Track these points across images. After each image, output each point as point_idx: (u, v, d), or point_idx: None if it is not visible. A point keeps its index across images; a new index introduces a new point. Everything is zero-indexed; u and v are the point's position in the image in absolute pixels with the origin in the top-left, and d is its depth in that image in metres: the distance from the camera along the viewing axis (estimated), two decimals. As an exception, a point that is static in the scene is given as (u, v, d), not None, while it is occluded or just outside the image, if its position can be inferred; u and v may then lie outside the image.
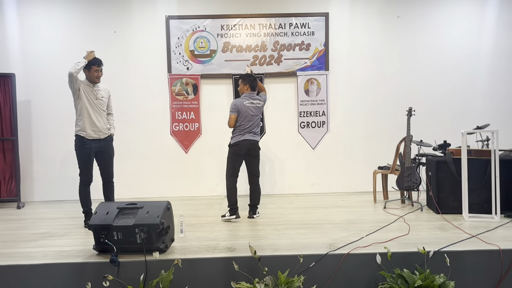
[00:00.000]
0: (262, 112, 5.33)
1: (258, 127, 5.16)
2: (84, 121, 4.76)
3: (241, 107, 5.02)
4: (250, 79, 5.17)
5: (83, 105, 4.76)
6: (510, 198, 4.82)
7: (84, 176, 4.81)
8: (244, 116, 5.01)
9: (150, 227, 3.54)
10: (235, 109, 5.02)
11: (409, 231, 4.16)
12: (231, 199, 4.97)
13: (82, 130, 4.77)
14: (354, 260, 3.46)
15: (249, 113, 5.03)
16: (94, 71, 4.78)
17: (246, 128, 5.02)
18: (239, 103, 5.06)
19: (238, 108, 5.02)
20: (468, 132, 5.05)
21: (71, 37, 6.63)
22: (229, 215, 4.92)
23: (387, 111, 6.76)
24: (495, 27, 6.77)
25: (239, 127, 5.03)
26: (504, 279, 3.41)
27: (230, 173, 5.03)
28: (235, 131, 5.06)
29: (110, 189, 4.98)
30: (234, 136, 5.05)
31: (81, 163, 4.79)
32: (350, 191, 6.79)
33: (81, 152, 4.78)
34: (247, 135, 5.02)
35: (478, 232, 4.03)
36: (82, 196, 4.81)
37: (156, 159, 6.80)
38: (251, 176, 5.11)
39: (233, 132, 5.10)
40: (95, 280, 3.26)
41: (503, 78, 6.80)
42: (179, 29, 6.71)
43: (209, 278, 3.42)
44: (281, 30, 6.78)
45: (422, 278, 3.09)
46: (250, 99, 5.08)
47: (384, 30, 6.79)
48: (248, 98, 5.08)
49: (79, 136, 4.79)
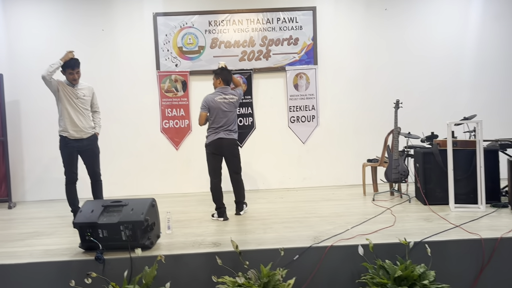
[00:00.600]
0: (251, 105, 5.14)
1: (235, 124, 4.89)
2: (65, 121, 4.77)
3: (211, 103, 4.74)
4: (224, 73, 4.89)
5: (63, 106, 4.76)
6: (496, 188, 4.85)
7: (67, 174, 4.86)
8: (215, 113, 4.74)
9: (134, 224, 3.56)
10: (205, 106, 4.77)
11: (395, 223, 4.18)
12: (217, 202, 4.80)
13: (64, 130, 4.79)
14: (337, 252, 3.49)
15: (221, 109, 4.74)
16: (68, 73, 4.73)
17: (220, 126, 4.76)
18: (209, 99, 4.78)
19: (208, 104, 4.75)
20: (455, 123, 5.09)
21: (59, 36, 6.62)
22: (217, 216, 4.80)
23: (376, 104, 6.77)
24: (481, 18, 6.78)
25: (213, 125, 4.77)
26: (486, 268, 3.44)
27: (211, 174, 4.84)
28: (209, 130, 4.82)
29: (98, 188, 5.00)
30: (209, 135, 4.81)
31: (65, 162, 4.84)
32: (341, 184, 6.82)
33: (64, 151, 4.82)
34: (222, 133, 4.76)
35: (463, 222, 4.06)
36: (68, 194, 4.86)
37: (146, 157, 6.81)
38: (232, 174, 4.92)
39: (207, 131, 4.85)
40: (80, 278, 3.27)
41: (490, 69, 6.81)
42: (167, 26, 6.71)
43: (193, 274, 3.45)
44: (269, 25, 6.78)
45: (403, 268, 3.12)
46: (222, 94, 4.80)
47: (372, 23, 6.80)
48: (220, 93, 4.80)
49: (62, 136, 4.82)
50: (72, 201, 4.85)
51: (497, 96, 6.80)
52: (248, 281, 3.13)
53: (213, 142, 4.77)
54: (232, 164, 4.89)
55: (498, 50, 6.80)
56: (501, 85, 6.82)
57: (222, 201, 4.81)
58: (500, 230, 3.69)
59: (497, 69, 6.82)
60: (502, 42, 6.81)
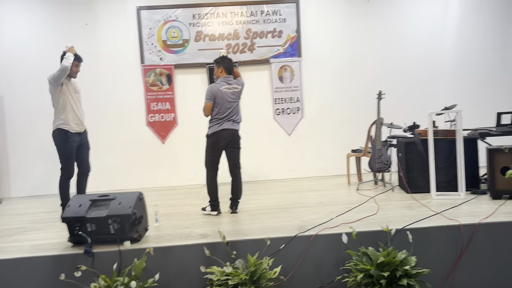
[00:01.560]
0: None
1: (238, 115, 4.70)
2: (68, 114, 4.77)
3: (217, 93, 4.54)
4: (225, 61, 4.67)
5: (66, 99, 4.77)
6: (475, 176, 4.99)
7: (67, 170, 4.83)
8: (221, 103, 4.54)
9: (122, 218, 3.60)
10: (211, 96, 4.55)
11: (378, 211, 4.29)
12: (212, 195, 4.64)
13: (65, 123, 4.76)
14: (322, 241, 3.58)
15: (227, 99, 4.56)
16: (75, 66, 4.81)
17: (224, 117, 4.56)
18: (215, 89, 4.56)
19: (214, 94, 4.54)
20: (435, 113, 5.20)
21: (42, 31, 6.59)
22: (210, 210, 4.65)
23: (360, 95, 6.87)
24: (460, 10, 6.91)
25: (217, 115, 4.56)
26: (465, 252, 3.56)
27: (210, 166, 4.65)
28: (213, 120, 4.60)
29: (86, 181, 5.01)
30: (212, 126, 4.59)
31: (64, 157, 4.79)
32: (326, 175, 6.92)
33: (64, 146, 4.77)
34: (226, 123, 4.56)
35: (443, 209, 4.18)
36: (64, 190, 4.85)
37: (133, 151, 6.83)
38: (232, 168, 4.71)
39: (210, 121, 4.63)
40: (69, 272, 3.31)
41: (470, 60, 6.96)
42: (151, 20, 6.70)
43: (181, 265, 3.51)
44: (253, 18, 6.82)
45: (385, 254, 3.23)
46: (227, 84, 4.60)
47: (355, 15, 6.89)
48: (225, 83, 4.60)
49: (62, 130, 4.76)
50: (65, 196, 4.85)
51: (476, 86, 6.95)
52: (235, 271, 3.20)
53: (217, 132, 4.55)
54: (233, 156, 4.69)
55: (478, 42, 6.95)
56: (481, 75, 6.97)
57: (217, 194, 4.66)
58: (479, 216, 3.81)
59: (476, 60, 6.96)
60: (481, 34, 6.95)
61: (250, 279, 3.15)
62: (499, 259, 3.60)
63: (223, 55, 4.81)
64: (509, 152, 4.28)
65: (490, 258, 3.59)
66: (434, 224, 3.72)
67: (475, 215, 3.89)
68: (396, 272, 3.16)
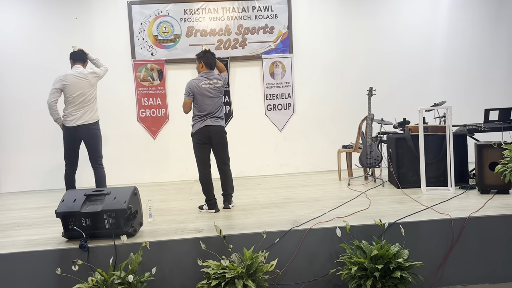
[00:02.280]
0: (223, 93, 4.69)
1: (221, 111, 4.61)
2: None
3: (195, 89, 4.46)
4: (206, 56, 4.57)
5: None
6: (464, 171, 5.09)
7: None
8: (201, 100, 4.46)
9: (118, 212, 3.61)
10: (189, 93, 4.47)
11: (369, 206, 4.36)
12: (208, 194, 4.57)
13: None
14: (316, 235, 3.63)
15: (207, 95, 4.47)
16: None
17: (207, 113, 4.48)
18: (193, 84, 4.48)
19: (193, 90, 4.46)
20: (425, 109, 5.28)
21: (32, 26, 6.52)
22: (207, 208, 4.58)
23: (351, 92, 6.92)
24: (449, 7, 7.01)
25: (199, 112, 4.49)
26: (455, 245, 3.65)
27: (201, 165, 4.55)
28: (195, 118, 4.53)
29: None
30: (195, 124, 4.52)
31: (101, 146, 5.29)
32: (317, 170, 6.99)
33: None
34: (209, 120, 4.48)
35: (433, 203, 4.26)
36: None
37: (124, 146, 6.80)
38: (220, 165, 4.65)
39: (193, 119, 4.56)
40: (65, 266, 3.31)
41: (460, 57, 7.07)
42: (142, 15, 6.67)
43: (177, 259, 3.54)
44: (245, 14, 6.82)
45: (378, 248, 3.29)
46: (207, 79, 4.51)
47: (345, 11, 6.93)
48: (204, 78, 4.51)
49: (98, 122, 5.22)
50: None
51: (466, 83, 7.07)
52: (232, 264, 3.24)
53: (200, 130, 4.47)
54: (220, 153, 4.62)
55: (468, 39, 7.05)
56: (470, 72, 7.08)
57: (213, 192, 4.59)
58: (468, 210, 3.90)
59: (466, 57, 7.07)
60: (471, 31, 7.06)
61: (247, 272, 3.18)
62: (488, 252, 3.69)
63: (206, 49, 4.71)
64: (498, 147, 4.37)
65: (480, 251, 3.69)
66: (425, 218, 3.80)
67: (464, 209, 3.98)
68: (389, 264, 3.22)
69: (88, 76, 5.02)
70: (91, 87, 5.03)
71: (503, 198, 4.35)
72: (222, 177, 4.67)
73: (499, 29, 7.09)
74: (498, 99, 6.82)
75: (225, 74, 4.77)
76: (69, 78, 4.91)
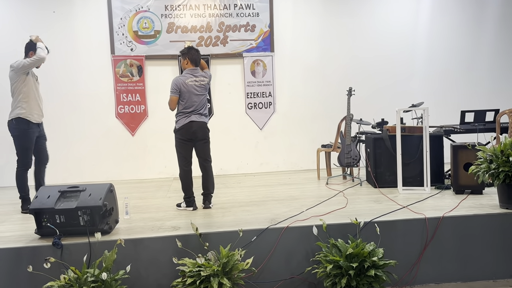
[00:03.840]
0: (208, 91, 4.70)
1: (206, 108, 4.60)
2: (31, 104, 4.65)
3: (182, 86, 4.43)
4: (191, 52, 4.53)
5: (30, 88, 4.65)
6: (440, 171, 5.17)
7: (25, 161, 4.71)
8: (187, 97, 4.44)
9: (93, 209, 3.55)
10: (176, 90, 4.43)
11: (347, 205, 4.39)
12: (187, 191, 4.52)
13: (28, 113, 4.63)
14: (293, 233, 3.64)
15: (193, 92, 4.45)
16: None
17: (192, 110, 4.46)
18: (180, 81, 4.45)
19: (179, 87, 4.43)
20: (403, 110, 5.35)
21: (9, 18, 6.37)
22: (185, 206, 4.54)
23: (331, 91, 6.97)
24: (430, 11, 7.13)
25: (184, 109, 4.46)
26: (430, 245, 3.70)
27: (183, 162, 4.51)
28: (179, 114, 4.49)
29: (44, 173, 4.91)
30: (179, 120, 4.48)
31: (23, 148, 4.66)
32: (297, 169, 7.02)
33: (25, 136, 4.64)
34: (193, 116, 4.46)
35: (409, 203, 4.32)
36: (21, 181, 4.70)
37: (102, 143, 6.71)
38: (202, 162, 4.60)
39: (177, 115, 4.53)
40: (37, 264, 3.24)
41: (438, 60, 7.20)
42: (122, 10, 6.58)
43: (153, 257, 3.50)
44: (226, 11, 6.80)
45: (354, 246, 3.31)
46: (193, 76, 4.49)
47: (327, 11, 6.98)
48: (190, 75, 4.48)
49: (23, 120, 4.61)
50: (23, 188, 4.70)
51: (444, 85, 7.20)
52: (207, 262, 3.22)
53: (185, 126, 4.44)
54: (202, 150, 4.58)
55: (446, 42, 7.18)
56: (448, 75, 7.22)
57: (192, 191, 4.55)
58: (443, 209, 3.96)
59: (445, 60, 7.21)
60: (450, 35, 7.20)
61: (222, 270, 3.17)
62: (462, 251, 3.76)
63: (189, 45, 4.68)
64: (472, 148, 4.45)
65: (453, 250, 3.75)
66: (400, 217, 3.84)
67: (439, 209, 4.04)
68: (364, 263, 3.25)
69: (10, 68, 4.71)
70: (10, 81, 4.67)
71: (476, 198, 4.44)
72: (204, 175, 4.62)
73: (479, 32, 7.25)
74: (478, 101, 6.95)
75: (209, 72, 4.78)
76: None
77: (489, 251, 3.76)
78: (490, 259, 3.76)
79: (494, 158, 3.92)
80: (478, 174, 4.01)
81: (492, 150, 3.99)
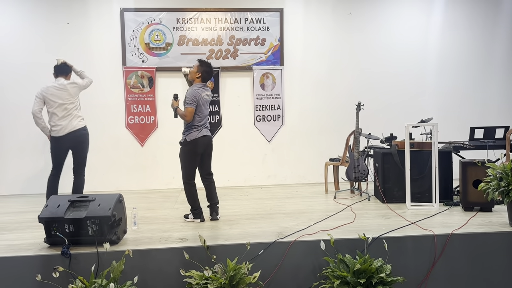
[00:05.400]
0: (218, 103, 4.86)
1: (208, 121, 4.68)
2: None
3: (199, 99, 4.40)
4: (208, 66, 4.52)
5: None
6: (449, 188, 5.15)
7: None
8: (202, 110, 4.43)
9: (101, 219, 3.58)
10: (194, 102, 4.37)
11: (354, 219, 4.38)
12: (194, 204, 4.52)
13: None
14: (300, 247, 3.63)
15: (206, 106, 4.49)
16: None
17: (203, 123, 4.48)
18: (198, 94, 4.40)
19: (198, 100, 4.38)
20: (412, 126, 5.35)
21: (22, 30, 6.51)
22: (193, 217, 4.55)
23: (340, 105, 6.99)
24: (440, 26, 7.14)
25: (197, 122, 4.42)
26: (438, 262, 3.68)
27: (189, 176, 4.47)
28: (192, 127, 4.42)
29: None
30: (191, 133, 4.40)
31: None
32: (304, 183, 7.01)
33: None
34: (204, 130, 4.48)
35: (418, 219, 4.30)
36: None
37: (111, 153, 6.76)
38: (205, 175, 4.61)
39: (189, 128, 4.44)
40: (45, 273, 3.27)
41: (448, 75, 7.19)
42: (134, 22, 6.68)
43: (160, 268, 3.51)
44: (237, 25, 6.87)
45: (361, 262, 3.30)
46: (205, 91, 4.50)
47: (337, 26, 7.02)
48: (203, 89, 4.48)
49: None
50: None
51: (454, 101, 7.18)
52: (214, 275, 3.22)
53: (198, 139, 4.41)
54: (207, 163, 4.61)
55: (456, 57, 7.18)
56: (458, 91, 7.20)
57: (199, 203, 4.56)
58: (452, 226, 3.94)
59: (455, 76, 7.19)
60: (460, 50, 7.19)
61: (229, 284, 3.17)
62: (471, 269, 3.73)
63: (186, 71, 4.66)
64: (482, 165, 4.43)
65: (462, 268, 3.72)
66: (408, 233, 3.83)
67: (448, 225, 4.02)
68: (372, 279, 3.23)
69: (67, 87, 5.05)
70: (71, 97, 5.06)
71: (486, 216, 4.41)
72: (208, 187, 4.63)
73: (490, 48, 7.23)
74: (488, 118, 6.93)
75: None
76: (50, 90, 4.99)
77: (498, 270, 3.73)
78: (500, 277, 3.73)
79: (504, 176, 3.90)
80: (488, 191, 3.99)
81: (502, 167, 3.97)
